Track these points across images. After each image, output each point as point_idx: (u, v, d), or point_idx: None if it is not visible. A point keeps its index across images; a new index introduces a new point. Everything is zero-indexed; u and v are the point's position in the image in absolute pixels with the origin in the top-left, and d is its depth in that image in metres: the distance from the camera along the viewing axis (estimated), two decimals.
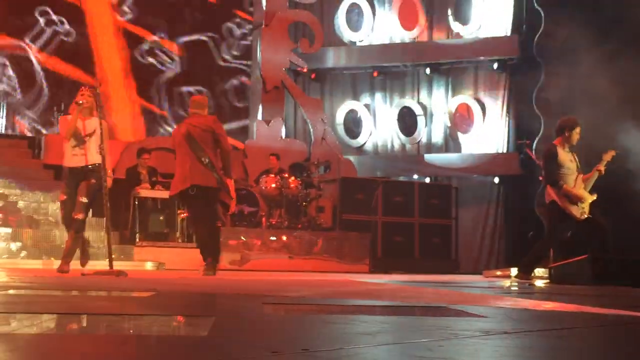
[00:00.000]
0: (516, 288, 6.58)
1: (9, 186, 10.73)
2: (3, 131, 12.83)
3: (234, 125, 14.98)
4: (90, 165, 7.32)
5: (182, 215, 10.54)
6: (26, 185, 10.89)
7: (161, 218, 10.54)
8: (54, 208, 10.22)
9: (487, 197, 14.48)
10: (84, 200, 7.27)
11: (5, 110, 12.83)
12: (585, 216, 7.72)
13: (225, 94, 15.14)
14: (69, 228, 7.40)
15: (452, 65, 14.89)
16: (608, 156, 7.88)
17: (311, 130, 14.54)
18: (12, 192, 10.54)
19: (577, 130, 7.87)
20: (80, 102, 7.31)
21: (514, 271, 9.10)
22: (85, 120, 7.37)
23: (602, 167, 7.84)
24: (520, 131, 13.93)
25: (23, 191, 10.66)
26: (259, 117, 14.40)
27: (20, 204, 10.33)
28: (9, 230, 9.51)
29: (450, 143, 14.84)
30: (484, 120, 14.54)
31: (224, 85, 15.16)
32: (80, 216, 7.27)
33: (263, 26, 14.41)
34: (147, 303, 3.94)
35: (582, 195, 7.72)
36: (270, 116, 14.27)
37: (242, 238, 10.66)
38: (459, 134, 14.66)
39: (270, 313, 3.40)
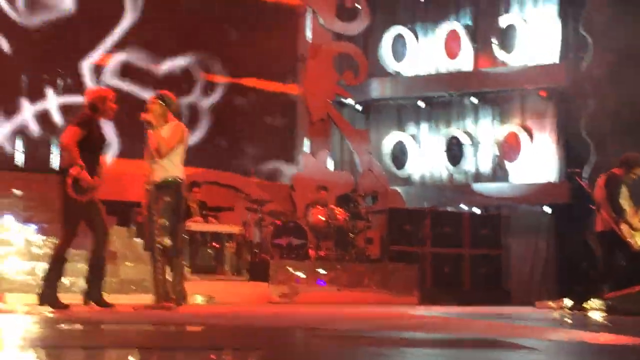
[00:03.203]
0: (570, 320, 6.44)
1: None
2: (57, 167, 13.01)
3: None
4: (162, 180, 6.62)
5: (232, 249, 10.59)
6: None
7: (210, 251, 10.59)
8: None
9: (537, 227, 14.22)
10: (161, 221, 6.51)
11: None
12: None
13: None
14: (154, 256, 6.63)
15: (498, 93, 14.78)
16: None
17: (357, 161, 14.54)
18: None
19: (638, 171, 7.83)
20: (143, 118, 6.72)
21: (567, 302, 8.92)
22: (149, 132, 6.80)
23: None
24: (570, 159, 13.70)
25: None
26: (306, 149, 14.46)
27: None
28: None
29: (499, 172, 14.67)
30: (532, 149, 14.36)
31: None
32: (165, 242, 6.48)
33: (308, 59, 14.52)
34: (198, 337, 3.96)
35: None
36: (316, 148, 14.33)
37: (291, 270, 10.65)
38: (507, 163, 14.50)
39: (319, 345, 3.38)
